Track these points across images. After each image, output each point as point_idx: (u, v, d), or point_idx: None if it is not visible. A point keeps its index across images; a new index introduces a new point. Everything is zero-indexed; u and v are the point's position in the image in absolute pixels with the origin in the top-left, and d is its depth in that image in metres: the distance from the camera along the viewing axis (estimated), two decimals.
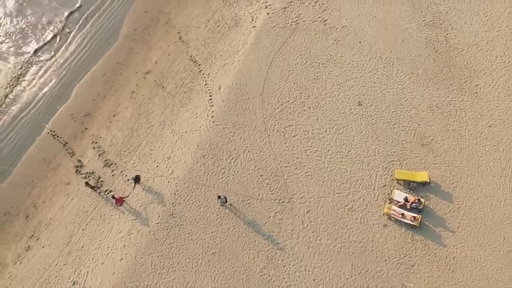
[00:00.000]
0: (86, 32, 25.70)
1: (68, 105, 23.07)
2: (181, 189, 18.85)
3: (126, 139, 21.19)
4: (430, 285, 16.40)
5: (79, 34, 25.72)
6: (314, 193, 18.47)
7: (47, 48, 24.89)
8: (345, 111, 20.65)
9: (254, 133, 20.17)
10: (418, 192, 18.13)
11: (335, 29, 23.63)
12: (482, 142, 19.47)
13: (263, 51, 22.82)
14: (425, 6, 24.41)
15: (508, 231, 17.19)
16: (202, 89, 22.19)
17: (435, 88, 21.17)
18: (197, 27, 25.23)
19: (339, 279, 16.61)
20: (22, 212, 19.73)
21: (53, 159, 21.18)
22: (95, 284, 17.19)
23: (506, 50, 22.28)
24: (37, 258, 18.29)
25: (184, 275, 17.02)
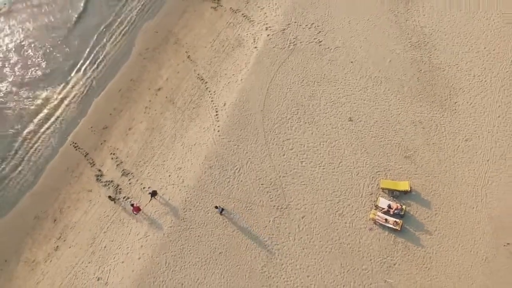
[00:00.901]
0: (102, 51, 28.14)
1: (87, 119, 25.56)
2: (191, 196, 21.30)
3: (141, 151, 23.67)
4: (408, 281, 18.83)
5: (95, 52, 28.16)
6: (308, 200, 20.90)
7: (67, 67, 27.30)
8: (337, 126, 23.05)
9: (256, 146, 22.60)
10: (400, 199, 20.54)
11: (329, 49, 26.02)
12: (458, 155, 21.85)
13: (264, 70, 25.23)
14: (411, 28, 26.77)
15: (478, 234, 19.59)
16: (208, 105, 24.63)
17: (418, 105, 23.55)
18: (204, 46, 27.66)
19: (330, 276, 19.05)
20: (50, 216, 22.25)
21: (76, 169, 23.68)
22: (116, 280, 19.69)
23: (483, 70, 24.62)
24: (65, 257, 20.80)
25: (194, 272, 19.50)
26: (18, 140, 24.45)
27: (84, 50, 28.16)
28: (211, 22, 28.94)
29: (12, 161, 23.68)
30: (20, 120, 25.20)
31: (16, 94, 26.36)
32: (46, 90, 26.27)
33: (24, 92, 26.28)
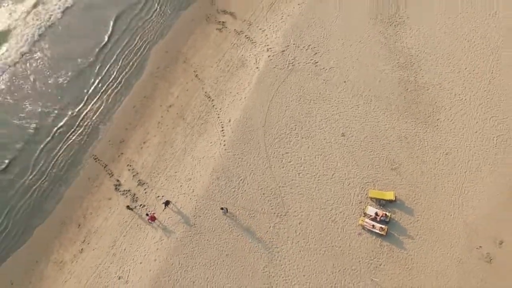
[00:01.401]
0: (117, 69, 30.77)
1: (106, 133, 28.20)
2: (200, 205, 23.94)
3: (154, 163, 26.33)
4: (392, 280, 21.43)
5: (111, 70, 30.80)
6: (305, 208, 23.52)
7: (87, 86, 29.98)
8: (331, 141, 25.65)
9: (258, 159, 25.22)
10: (386, 207, 23.13)
11: (325, 70, 28.62)
12: (439, 167, 24.44)
13: (265, 89, 27.85)
14: (399, 50, 29.34)
15: (454, 239, 22.17)
16: (215, 121, 27.27)
17: (404, 122, 26.13)
18: (210, 66, 30.29)
19: (323, 275, 21.67)
20: (75, 221, 24.93)
21: (96, 179, 26.35)
22: (135, 279, 22.35)
23: (463, 89, 27.20)
24: (89, 258, 23.48)
25: (204, 271, 22.14)
26: (43, 152, 27.04)
27: (101, 71, 30.74)
28: (216, 43, 31.57)
29: (37, 174, 26.33)
30: (46, 135, 27.79)
31: (40, 110, 28.98)
32: (69, 107, 28.89)
33: (47, 109, 28.90)
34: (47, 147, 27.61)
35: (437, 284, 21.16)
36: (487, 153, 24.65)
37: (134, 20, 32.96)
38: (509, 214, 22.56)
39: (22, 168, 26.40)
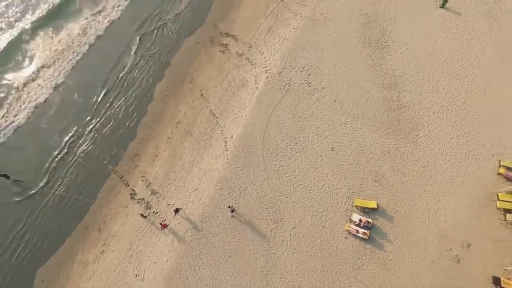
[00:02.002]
0: (131, 88, 34.10)
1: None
2: (207, 212, 27.21)
3: (165, 174, 29.62)
4: (374, 278, 24.65)
5: (126, 89, 34.13)
6: (298, 215, 26.76)
7: (103, 102, 33.32)
8: (321, 155, 28.89)
9: (257, 171, 28.48)
10: (369, 215, 26.35)
11: (317, 90, 31.86)
12: (417, 179, 27.66)
13: (264, 108, 31.11)
14: (384, 71, 32.58)
15: (428, 242, 25.38)
16: (219, 137, 30.55)
17: (387, 137, 29.36)
18: (214, 86, 33.57)
19: (314, 274, 24.90)
20: (96, 227, 28.22)
21: (114, 188, 29.64)
22: (150, 277, 25.64)
23: (441, 107, 30.42)
24: (109, 259, 26.78)
25: (210, 270, 25.40)
26: (71, 167, 30.37)
27: (115, 88, 34.13)
28: (220, 64, 34.85)
29: (64, 186, 29.69)
30: (73, 155, 31.12)
31: (64, 127, 32.32)
32: (90, 122, 32.27)
33: (69, 126, 32.25)
34: (68, 160, 30.83)
35: (412, 282, 24.38)
36: (459, 166, 27.89)
37: (149, 42, 36.41)
38: (476, 221, 25.78)
39: (53, 183, 29.68)
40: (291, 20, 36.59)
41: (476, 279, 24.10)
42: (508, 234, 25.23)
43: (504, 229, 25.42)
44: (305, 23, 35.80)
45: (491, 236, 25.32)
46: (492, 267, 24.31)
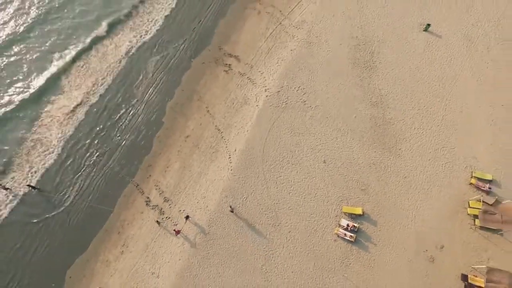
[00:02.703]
0: (145, 104, 37.93)
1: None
2: (213, 217, 30.95)
3: (176, 184, 33.39)
4: (359, 275, 28.30)
5: (139, 105, 37.96)
6: (293, 220, 30.46)
7: (121, 120, 37.16)
8: (315, 167, 32.58)
9: (258, 181, 32.19)
10: (356, 220, 30.00)
11: (311, 107, 35.57)
12: (399, 188, 31.30)
13: (264, 124, 34.83)
14: (372, 90, 36.25)
15: (407, 244, 28.99)
16: (224, 150, 34.31)
17: (373, 151, 33.01)
18: (219, 103, 37.36)
19: (307, 272, 28.57)
20: (115, 230, 32.02)
21: (131, 196, 33.44)
22: (165, 274, 29.38)
23: (422, 124, 34.05)
24: (128, 259, 30.56)
25: (216, 269, 29.12)
26: (95, 179, 34.25)
27: (133, 106, 38.01)
28: (224, 83, 38.65)
29: (88, 195, 33.54)
30: (99, 170, 34.96)
31: (86, 145, 36.20)
32: (110, 137, 36.11)
33: (93, 142, 36.14)
34: (96, 176, 34.57)
35: (392, 279, 28.01)
36: (436, 176, 31.52)
37: (161, 64, 40.37)
38: (449, 225, 29.40)
39: (79, 193, 33.57)
40: (288, 42, 40.37)
41: (448, 276, 27.72)
42: (477, 237, 28.85)
43: (473, 232, 29.04)
44: (301, 45, 39.55)
45: (462, 239, 28.94)
46: (462, 266, 27.93)
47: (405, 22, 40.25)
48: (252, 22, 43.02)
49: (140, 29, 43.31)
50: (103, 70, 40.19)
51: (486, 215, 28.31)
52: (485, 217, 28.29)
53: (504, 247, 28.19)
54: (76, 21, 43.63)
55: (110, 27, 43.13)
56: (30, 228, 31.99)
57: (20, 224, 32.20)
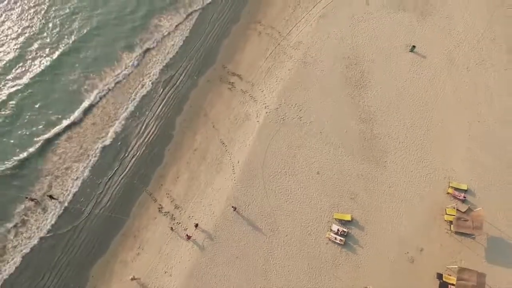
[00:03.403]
0: (156, 120, 41.87)
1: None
2: (219, 223, 34.81)
3: (185, 192, 37.30)
4: (347, 274, 32.11)
5: (152, 121, 41.89)
6: (290, 225, 34.30)
7: (129, 137, 41.12)
8: (309, 177, 36.42)
9: (258, 190, 36.06)
10: (345, 225, 33.83)
11: (306, 123, 39.42)
12: (384, 197, 35.11)
13: (264, 138, 38.70)
14: (362, 107, 40.07)
15: (391, 247, 32.80)
16: (228, 162, 38.21)
17: (362, 163, 36.82)
18: (224, 119, 41.25)
19: (301, 271, 32.41)
20: (132, 234, 35.94)
21: (145, 204, 37.37)
22: (176, 273, 33.27)
23: (405, 138, 37.86)
24: (144, 260, 34.48)
25: (222, 268, 32.99)
26: (116, 192, 38.28)
27: (143, 121, 41.98)
28: (228, 100, 42.56)
29: (107, 203, 37.51)
30: (108, 174, 39.01)
31: (110, 162, 40.19)
32: (128, 150, 40.14)
33: (108, 157, 40.15)
34: (110, 184, 38.57)
35: (377, 277, 31.83)
36: (418, 186, 35.33)
37: (169, 81, 44.41)
38: (428, 230, 33.23)
39: (98, 201, 37.59)
40: (286, 62, 44.25)
41: (425, 275, 31.53)
42: (452, 241, 32.64)
43: (449, 237, 32.83)
44: (297, 65, 43.42)
45: (439, 242, 32.75)
46: (438, 266, 31.73)
47: (393, 44, 44.05)
48: (253, 42, 46.91)
49: (154, 59, 46.75)
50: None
51: (459, 222, 32.08)
52: (458, 223, 32.06)
53: (475, 250, 32.00)
54: (99, 52, 46.99)
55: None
56: (61, 235, 36.05)
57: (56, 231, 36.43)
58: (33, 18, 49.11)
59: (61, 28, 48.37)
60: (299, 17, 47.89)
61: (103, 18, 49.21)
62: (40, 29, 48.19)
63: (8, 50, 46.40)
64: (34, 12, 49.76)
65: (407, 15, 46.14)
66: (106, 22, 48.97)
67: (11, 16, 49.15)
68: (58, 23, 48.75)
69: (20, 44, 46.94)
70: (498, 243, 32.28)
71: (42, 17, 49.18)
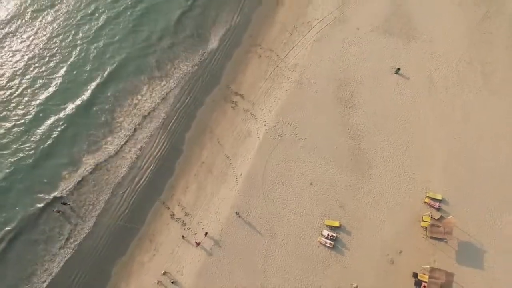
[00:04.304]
0: (166, 138, 46.93)
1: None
2: (224, 228, 39.76)
3: (194, 201, 42.29)
4: (336, 273, 36.95)
5: (164, 136, 46.99)
6: (286, 230, 39.19)
7: (144, 152, 46.21)
8: (303, 188, 41.31)
9: (258, 200, 40.98)
10: (334, 231, 38.67)
11: (301, 139, 44.34)
12: (369, 206, 39.93)
13: (263, 153, 43.65)
14: (351, 125, 44.93)
15: (374, 250, 37.61)
16: (232, 174, 43.17)
17: (350, 176, 41.67)
18: (228, 135, 46.25)
19: (296, 270, 37.27)
20: (147, 238, 40.98)
21: (158, 211, 42.39)
22: (187, 272, 38.23)
23: (389, 153, 42.68)
24: (158, 261, 39.48)
25: (227, 268, 37.92)
26: (129, 197, 43.42)
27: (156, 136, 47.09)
28: (231, 118, 47.56)
29: (125, 210, 42.61)
30: (125, 186, 44.10)
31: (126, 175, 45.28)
32: (143, 162, 45.27)
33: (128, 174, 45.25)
34: (125, 194, 43.70)
35: (361, 275, 36.64)
36: (398, 196, 40.14)
37: (179, 100, 49.57)
38: (407, 235, 38.03)
39: (116, 209, 42.76)
40: (284, 83, 49.20)
41: (403, 274, 36.32)
42: (427, 244, 37.41)
43: (425, 241, 37.60)
44: (294, 86, 48.37)
45: (416, 245, 37.52)
46: (414, 266, 36.51)
47: (380, 66, 48.87)
48: (254, 64, 51.91)
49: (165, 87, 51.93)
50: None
51: (433, 228, 36.84)
52: (432, 229, 36.82)
53: (446, 253, 36.77)
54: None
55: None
56: (86, 239, 41.34)
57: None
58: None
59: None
60: (296, 41, 52.87)
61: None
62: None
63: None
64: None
65: (393, 39, 51.01)
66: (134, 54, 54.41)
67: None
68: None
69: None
70: (467, 247, 37.02)
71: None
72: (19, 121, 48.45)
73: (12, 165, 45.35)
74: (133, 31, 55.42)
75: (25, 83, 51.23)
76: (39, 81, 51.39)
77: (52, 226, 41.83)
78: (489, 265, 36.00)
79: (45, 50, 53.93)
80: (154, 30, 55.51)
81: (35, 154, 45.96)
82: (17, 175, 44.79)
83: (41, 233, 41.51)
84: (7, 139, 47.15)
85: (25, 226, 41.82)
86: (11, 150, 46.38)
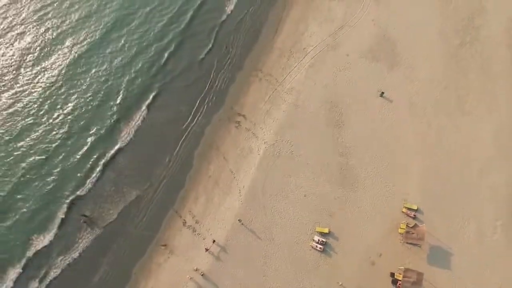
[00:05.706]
0: (182, 153, 53.33)
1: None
2: (229, 234, 46.06)
3: (203, 210, 48.64)
4: (325, 273, 43.17)
5: (176, 153, 53.39)
6: (282, 236, 45.47)
7: (165, 168, 52.63)
8: (298, 199, 47.59)
9: (259, 210, 47.28)
10: (324, 236, 44.91)
11: (297, 156, 50.66)
12: (354, 215, 46.17)
13: (263, 169, 49.96)
14: (340, 143, 51.21)
15: (358, 253, 43.81)
16: (235, 186, 49.52)
17: (338, 188, 47.94)
18: (232, 152, 52.58)
19: (291, 270, 43.53)
20: (163, 242, 47.31)
21: (172, 219, 48.75)
22: (197, 273, 44.52)
23: (373, 168, 48.90)
24: (173, 261, 45.82)
25: (233, 269, 44.20)
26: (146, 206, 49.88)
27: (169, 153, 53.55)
28: (235, 136, 53.91)
29: (144, 222, 49.02)
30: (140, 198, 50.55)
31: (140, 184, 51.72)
32: (160, 177, 51.66)
33: (144, 183, 51.67)
34: (142, 204, 50.12)
35: (347, 275, 42.88)
36: (380, 206, 46.39)
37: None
38: (386, 240, 44.27)
39: (133, 218, 49.16)
40: (281, 105, 55.55)
41: (383, 274, 42.54)
42: (403, 248, 43.63)
43: (401, 245, 43.84)
44: (290, 108, 54.72)
45: (394, 249, 43.74)
46: (392, 267, 42.73)
47: (366, 90, 55.12)
48: (255, 87, 58.27)
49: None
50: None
51: (408, 234, 43.04)
52: (407, 235, 43.02)
53: (419, 255, 43.01)
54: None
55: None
56: (110, 244, 47.86)
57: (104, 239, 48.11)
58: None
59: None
60: (292, 66, 59.20)
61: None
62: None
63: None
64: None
65: (379, 65, 57.30)
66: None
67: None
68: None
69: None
70: (437, 251, 43.22)
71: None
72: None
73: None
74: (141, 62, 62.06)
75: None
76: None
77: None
78: (455, 266, 42.23)
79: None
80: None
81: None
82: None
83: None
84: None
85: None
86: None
